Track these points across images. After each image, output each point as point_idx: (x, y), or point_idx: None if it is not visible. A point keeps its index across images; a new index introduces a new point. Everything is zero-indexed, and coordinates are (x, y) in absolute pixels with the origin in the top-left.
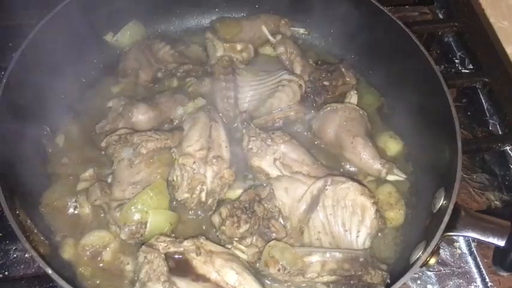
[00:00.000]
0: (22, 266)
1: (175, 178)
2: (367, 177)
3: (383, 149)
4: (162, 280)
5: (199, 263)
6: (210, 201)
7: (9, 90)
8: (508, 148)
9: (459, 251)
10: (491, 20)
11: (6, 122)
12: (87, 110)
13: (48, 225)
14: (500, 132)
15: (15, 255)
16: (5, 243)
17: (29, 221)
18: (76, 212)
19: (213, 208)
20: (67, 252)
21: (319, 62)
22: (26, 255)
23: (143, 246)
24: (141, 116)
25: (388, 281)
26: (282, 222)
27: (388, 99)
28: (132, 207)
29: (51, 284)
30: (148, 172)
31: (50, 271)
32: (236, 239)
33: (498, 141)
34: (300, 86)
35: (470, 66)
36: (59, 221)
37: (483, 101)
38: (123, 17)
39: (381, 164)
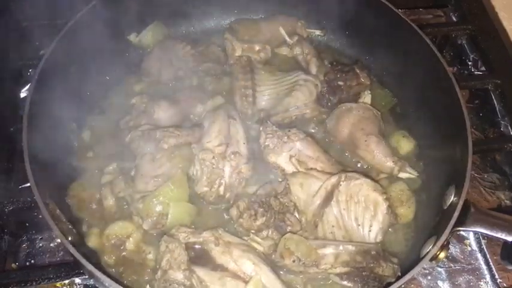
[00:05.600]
0: (47, 255)
1: (195, 172)
2: (380, 175)
3: (395, 148)
4: (183, 268)
5: (217, 253)
6: (228, 195)
7: (39, 88)
8: None
9: (469, 248)
10: (504, 23)
11: (36, 119)
12: (112, 106)
13: (74, 216)
14: (511, 133)
15: (41, 244)
16: (31, 232)
17: (58, 211)
18: (101, 203)
19: (231, 202)
20: (92, 241)
21: (334, 63)
22: (51, 245)
23: (165, 236)
24: (163, 113)
25: (399, 273)
26: (297, 216)
27: (400, 100)
28: (154, 199)
29: (76, 271)
30: (170, 166)
31: (78, 256)
32: (253, 231)
33: (509, 142)
34: (316, 85)
35: (483, 69)
36: (84, 212)
37: (495, 102)
38: (146, 19)
39: (393, 161)
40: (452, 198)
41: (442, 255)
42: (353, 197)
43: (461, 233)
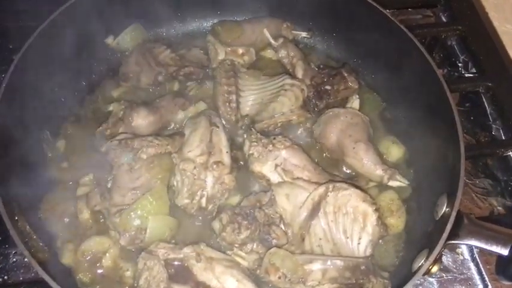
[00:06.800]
0: (22, 271)
1: (175, 183)
2: (369, 183)
3: (385, 155)
4: (162, 287)
5: (199, 270)
6: (210, 207)
7: (9, 94)
8: (511, 153)
9: (461, 257)
10: (495, 23)
11: (6, 127)
12: (88, 114)
13: (47, 231)
14: (503, 137)
15: (14, 259)
16: (4, 247)
17: (27, 227)
18: (76, 217)
19: (214, 214)
20: (66, 258)
21: (321, 66)
22: (26, 260)
23: (143, 253)
24: (142, 120)
25: None
26: (283, 228)
27: (390, 104)
28: (132, 213)
29: None
30: (149, 177)
31: (47, 278)
32: (237, 245)
33: (501, 147)
34: (302, 90)
35: (474, 70)
36: (58, 227)
37: (486, 105)
38: (124, 20)
39: (383, 169)
40: (444, 209)
41: (434, 268)
42: (341, 208)
43: None
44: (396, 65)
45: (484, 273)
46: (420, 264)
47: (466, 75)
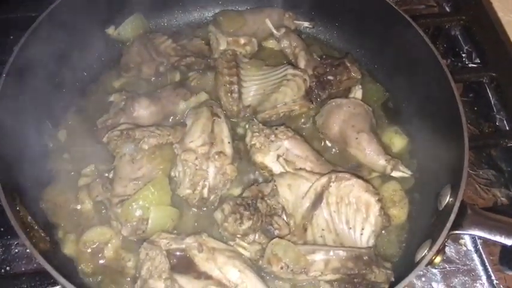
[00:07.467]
0: (24, 261)
1: (177, 174)
2: (372, 173)
3: (388, 145)
4: (164, 277)
5: (201, 260)
6: (212, 197)
7: (10, 84)
8: None
9: (464, 248)
10: (499, 13)
11: (7, 117)
12: (89, 104)
13: (49, 221)
14: (507, 128)
15: (16, 250)
16: (6, 238)
17: (29, 217)
18: (77, 207)
19: (216, 204)
20: (68, 249)
21: (324, 56)
22: (28, 250)
23: (145, 243)
24: (143, 110)
25: (393, 279)
26: (286, 219)
27: (393, 94)
28: (134, 204)
29: (52, 280)
30: (150, 168)
31: (49, 268)
32: (239, 235)
33: (505, 137)
34: (305, 80)
35: (477, 61)
36: (60, 217)
37: (490, 96)
38: (125, 10)
39: (386, 160)
40: (447, 199)
41: (437, 259)
42: (344, 198)
43: None
44: (399, 55)
45: (487, 264)
46: (423, 254)
47: (470, 65)
